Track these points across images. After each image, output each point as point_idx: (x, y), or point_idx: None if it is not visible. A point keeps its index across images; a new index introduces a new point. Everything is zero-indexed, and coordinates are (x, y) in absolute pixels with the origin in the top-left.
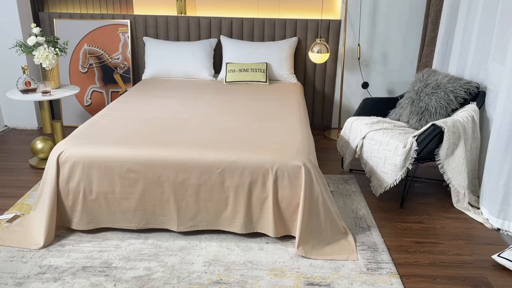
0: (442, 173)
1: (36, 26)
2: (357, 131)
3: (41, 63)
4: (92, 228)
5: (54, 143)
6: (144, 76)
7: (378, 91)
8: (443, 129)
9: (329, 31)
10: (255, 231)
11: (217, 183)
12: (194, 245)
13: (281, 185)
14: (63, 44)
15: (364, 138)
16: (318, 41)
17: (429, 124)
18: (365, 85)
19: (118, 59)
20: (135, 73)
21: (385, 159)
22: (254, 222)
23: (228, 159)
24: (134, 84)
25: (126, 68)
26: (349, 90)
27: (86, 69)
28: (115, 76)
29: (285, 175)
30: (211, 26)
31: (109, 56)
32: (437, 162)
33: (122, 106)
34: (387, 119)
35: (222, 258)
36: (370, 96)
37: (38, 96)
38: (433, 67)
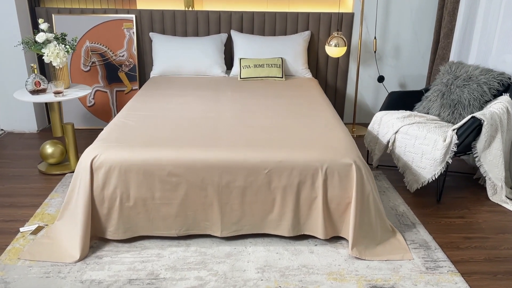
0: (478, 166)
1: (44, 22)
2: (388, 125)
3: (50, 62)
4: (129, 237)
5: (65, 147)
6: (152, 74)
7: (390, 84)
8: (482, 121)
9: (342, 25)
10: (303, 233)
11: (264, 184)
12: (240, 251)
13: (330, 184)
14: (72, 40)
15: (396, 132)
16: (336, 35)
17: (469, 116)
18: (380, 79)
19: (123, 56)
20: (141, 71)
21: (422, 153)
22: (302, 224)
23: (275, 159)
24: (140, 82)
25: (131, 66)
26: (361, 84)
27: (88, 68)
28: (120, 75)
29: (335, 174)
30: (221, 21)
31: (113, 53)
32: (474, 155)
33: (142, 106)
34: (417, 113)
35: (274, 263)
36: (385, 90)
37: (49, 97)
38: (451, 59)
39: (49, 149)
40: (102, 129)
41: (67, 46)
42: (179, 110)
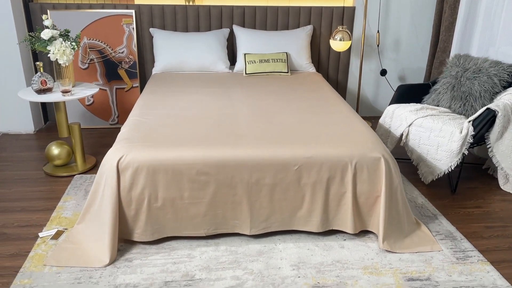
0: (491, 156)
1: (48, 18)
2: (402, 118)
3: (56, 60)
4: (157, 238)
5: (72, 148)
6: (154, 71)
7: (390, 78)
8: (497, 112)
9: (343, 18)
10: (331, 229)
11: (294, 181)
12: (271, 248)
13: (360, 178)
14: (76, 37)
15: (410, 125)
16: (341, 29)
17: (484, 108)
18: (383, 72)
19: (122, 53)
20: (141, 68)
21: (438, 145)
22: (331, 219)
23: (305, 155)
24: (141, 79)
25: (131, 63)
26: (362, 78)
27: (86, 65)
28: (119, 72)
29: (364, 168)
30: (222, 15)
31: (112, 50)
32: (488, 146)
33: (155, 103)
34: (428, 106)
35: (307, 260)
36: (386, 83)
37: (57, 96)
38: (452, 51)
39: (55, 150)
40: (102, 128)
41: (73, 43)
42: (193, 108)
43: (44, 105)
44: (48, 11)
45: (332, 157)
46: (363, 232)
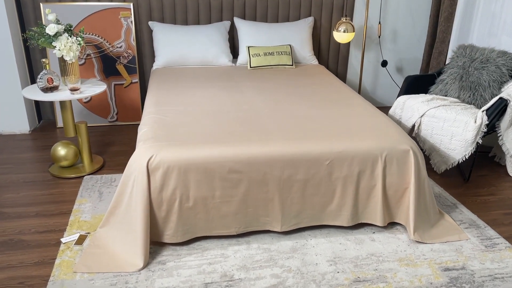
0: (501, 144)
1: (52, 12)
2: (413, 109)
3: (62, 56)
4: (187, 239)
5: (79, 148)
6: (155, 66)
7: (388, 68)
8: (508, 101)
9: (343, 10)
10: (361, 222)
11: (325, 175)
12: (303, 244)
13: (389, 171)
14: (80, 32)
15: (422, 116)
16: (344, 20)
17: (497, 97)
18: (384, 63)
19: (120, 47)
20: (140, 63)
21: (452, 135)
22: (360, 213)
23: (336, 149)
24: (140, 75)
25: (130, 58)
26: (360, 68)
27: (83, 60)
28: (118, 67)
29: (393, 161)
30: (223, 8)
31: (110, 44)
32: (498, 134)
33: (168, 100)
34: (439, 96)
35: (342, 254)
36: (384, 74)
37: (66, 95)
38: (451, 42)
39: (61, 151)
40: (101, 126)
41: (79, 39)
42: (209, 103)
43: (37, 103)
44: (40, 4)
45: (363, 151)
46: (390, 224)
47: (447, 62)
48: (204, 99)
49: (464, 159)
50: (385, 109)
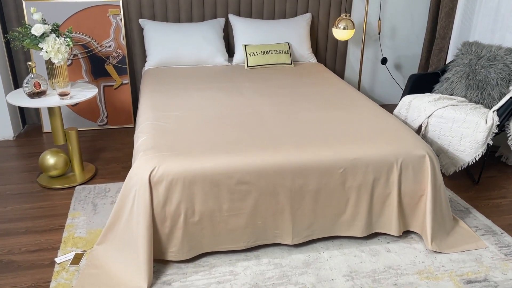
0: (510, 145)
1: (37, 11)
2: (420, 109)
3: (49, 59)
4: (193, 256)
5: (69, 157)
6: (147, 66)
7: (387, 66)
8: None
9: (341, 6)
10: (375, 232)
11: (338, 184)
12: (316, 258)
13: (405, 178)
14: (68, 32)
15: (429, 116)
16: (344, 17)
17: (507, 97)
18: (384, 61)
19: (109, 47)
20: (130, 63)
21: (461, 136)
22: (374, 222)
23: (350, 157)
24: (131, 75)
25: (120, 57)
26: (358, 66)
27: (70, 61)
28: (107, 68)
29: (409, 167)
30: (217, 4)
31: (98, 44)
32: (508, 134)
33: (165, 104)
34: (446, 95)
35: (358, 268)
36: (382, 72)
37: (55, 101)
38: (452, 38)
39: (50, 159)
40: (91, 130)
41: (68, 39)
42: (209, 107)
43: (21, 107)
44: (23, 1)
45: (378, 158)
46: (404, 233)
47: (450, 59)
48: (203, 102)
49: (474, 161)
50: (384, 107)
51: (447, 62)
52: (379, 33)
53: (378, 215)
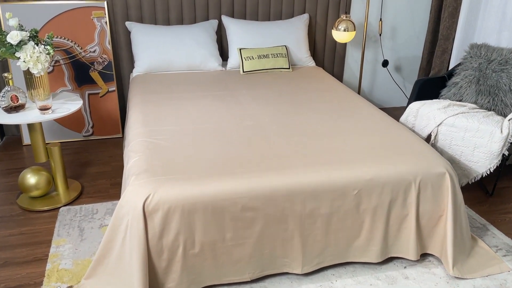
0: None
1: (14, 17)
2: (429, 117)
3: (28, 69)
4: None
5: (52, 175)
6: (136, 72)
7: (388, 68)
8: None
9: (339, 6)
10: (390, 256)
11: (352, 207)
12: (328, 287)
13: (423, 198)
14: (47, 38)
15: (439, 125)
16: (344, 18)
17: None
18: (385, 63)
19: (94, 52)
20: (117, 69)
21: (475, 147)
22: (390, 246)
23: (364, 177)
24: (118, 82)
25: (106, 63)
26: (357, 69)
27: (51, 68)
28: (92, 74)
29: (428, 186)
30: (209, 5)
31: (81, 49)
32: None
33: (157, 117)
34: (456, 102)
35: None
36: (382, 75)
37: (35, 116)
38: (456, 39)
39: (31, 178)
40: (75, 142)
41: (48, 47)
42: (206, 119)
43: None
44: None
45: (395, 177)
46: (422, 256)
47: (454, 61)
48: (198, 114)
49: (488, 173)
50: (384, 110)
51: (450, 63)
52: (380, 35)
53: (394, 239)
